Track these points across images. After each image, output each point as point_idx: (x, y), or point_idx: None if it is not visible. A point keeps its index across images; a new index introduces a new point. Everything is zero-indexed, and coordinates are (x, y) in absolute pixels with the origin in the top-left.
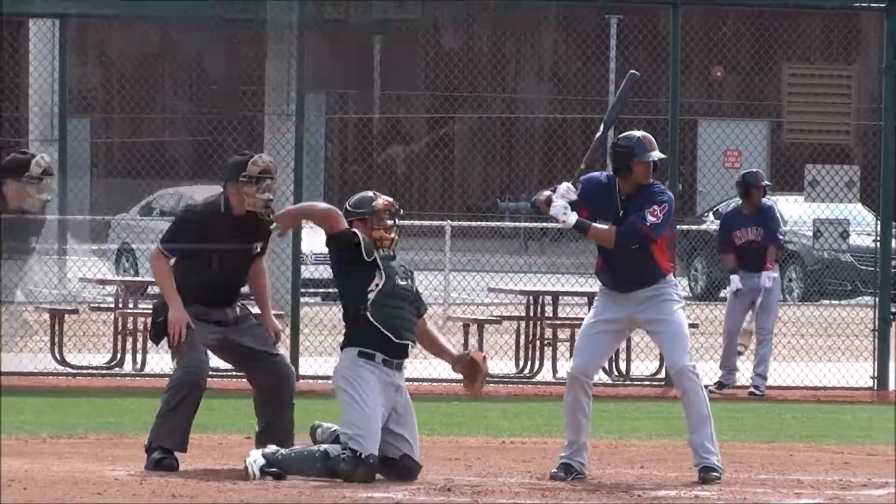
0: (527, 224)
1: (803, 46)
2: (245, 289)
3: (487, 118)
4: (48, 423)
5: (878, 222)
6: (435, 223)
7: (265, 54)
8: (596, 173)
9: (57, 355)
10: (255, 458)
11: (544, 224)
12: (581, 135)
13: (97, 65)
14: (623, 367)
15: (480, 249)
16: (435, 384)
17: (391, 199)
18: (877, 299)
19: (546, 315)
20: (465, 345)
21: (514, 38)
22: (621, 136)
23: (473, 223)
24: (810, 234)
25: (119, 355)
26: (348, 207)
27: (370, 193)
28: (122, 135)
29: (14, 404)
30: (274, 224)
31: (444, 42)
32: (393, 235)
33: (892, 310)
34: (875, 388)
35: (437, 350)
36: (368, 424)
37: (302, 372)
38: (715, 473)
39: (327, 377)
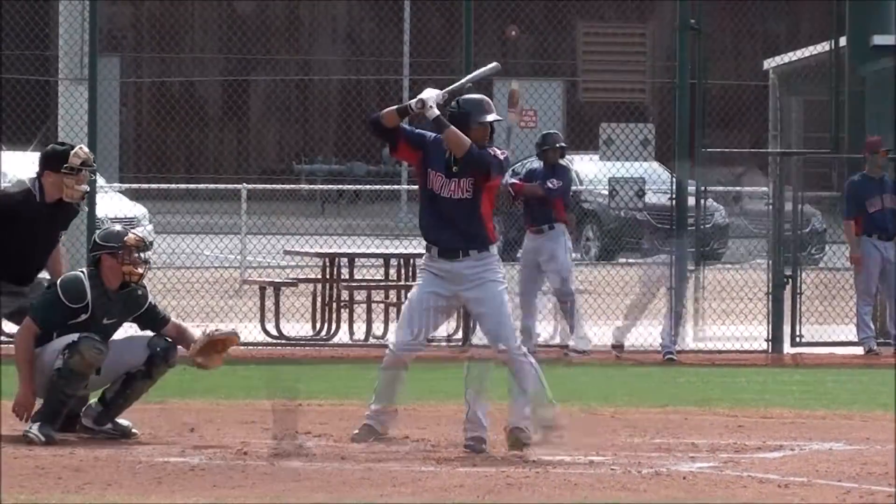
0: (323, 186)
1: (597, 5)
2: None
3: (282, 80)
4: None
5: (674, 180)
6: (230, 186)
7: (57, 16)
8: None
9: None
10: (29, 427)
11: (341, 186)
12: (376, 96)
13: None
14: None
15: (277, 212)
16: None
17: (141, 236)
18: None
19: (342, 277)
20: (262, 307)
21: None
22: (460, 98)
23: (269, 186)
24: (606, 192)
25: None
26: (97, 241)
27: (119, 227)
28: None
29: None
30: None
31: (238, 5)
32: (141, 270)
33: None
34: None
35: (186, 339)
36: None
37: None
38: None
39: None
